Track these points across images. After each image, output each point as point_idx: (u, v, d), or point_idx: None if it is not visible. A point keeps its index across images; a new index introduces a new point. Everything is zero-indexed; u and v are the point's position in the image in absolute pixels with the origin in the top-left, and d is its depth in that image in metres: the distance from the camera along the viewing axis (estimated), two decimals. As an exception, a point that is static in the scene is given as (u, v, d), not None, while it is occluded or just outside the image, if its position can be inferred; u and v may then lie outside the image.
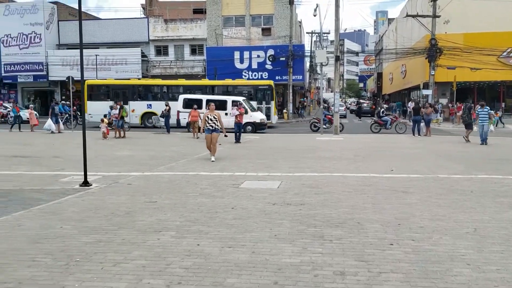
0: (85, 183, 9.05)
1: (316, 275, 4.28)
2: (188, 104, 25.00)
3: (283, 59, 37.58)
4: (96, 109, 26.91)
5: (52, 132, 22.67)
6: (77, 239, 5.42)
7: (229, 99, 25.81)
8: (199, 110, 22.65)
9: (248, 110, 25.23)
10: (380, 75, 66.65)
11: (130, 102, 28.39)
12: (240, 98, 25.89)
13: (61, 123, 24.34)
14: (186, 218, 6.40)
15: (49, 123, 23.35)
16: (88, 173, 9.31)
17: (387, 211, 6.84)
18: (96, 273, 4.31)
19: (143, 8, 50.66)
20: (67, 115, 27.56)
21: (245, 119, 24.22)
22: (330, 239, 5.41)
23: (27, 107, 38.07)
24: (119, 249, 5.03)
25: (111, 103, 24.03)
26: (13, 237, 5.50)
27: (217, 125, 13.16)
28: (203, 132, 13.53)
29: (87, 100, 28.32)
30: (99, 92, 30.30)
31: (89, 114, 27.26)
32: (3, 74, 39.64)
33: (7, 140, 19.18)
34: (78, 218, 6.42)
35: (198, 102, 24.99)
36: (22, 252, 4.92)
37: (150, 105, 28.61)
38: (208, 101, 24.56)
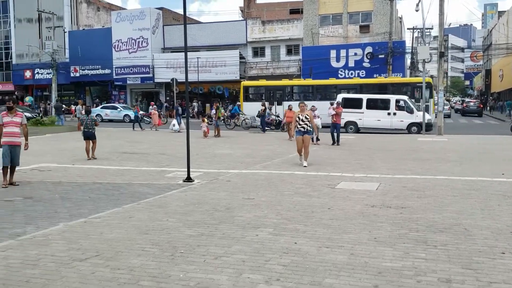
0: (188, 179, 9.52)
1: (420, 281, 4.09)
2: (346, 103, 23.27)
3: (382, 56, 36.39)
4: (251, 109, 27.43)
5: (179, 132, 23.60)
6: (181, 232, 5.72)
7: (392, 98, 24.29)
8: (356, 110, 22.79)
9: (414, 109, 23.76)
10: (488, 72, 61.83)
11: (284, 103, 28.24)
12: (403, 97, 24.47)
13: (182, 123, 24.78)
14: (283, 216, 6.46)
15: (174, 123, 24.52)
16: (190, 169, 9.78)
17: (498, 217, 6.34)
18: (199, 265, 4.51)
19: (241, 10, 52.01)
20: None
21: (410, 119, 23.56)
22: (434, 244, 5.14)
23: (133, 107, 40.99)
24: (220, 243, 5.22)
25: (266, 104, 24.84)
26: (124, 227, 5.95)
27: (309, 126, 12.00)
28: (293, 136, 12.74)
29: (243, 101, 29.40)
30: (254, 93, 31.04)
31: (244, 114, 27.96)
32: (114, 77, 42.97)
33: (121, 138, 20.77)
34: (182, 212, 6.78)
35: (358, 102, 24.30)
36: (133, 242, 5.31)
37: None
38: (368, 100, 24.14)
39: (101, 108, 36.53)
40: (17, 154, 9.38)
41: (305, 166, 11.44)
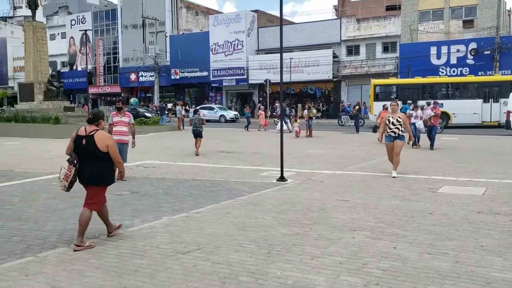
0: (282, 178, 9.61)
1: (536, 296, 3.76)
2: None
3: (488, 52, 33.87)
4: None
5: (290, 132, 23.50)
6: (277, 230, 5.79)
7: None
8: None
9: None
10: None
11: (419, 102, 25.16)
12: None
13: (289, 123, 24.78)
14: (380, 220, 6.27)
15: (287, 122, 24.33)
16: (283, 169, 9.86)
17: None
18: (295, 264, 4.54)
19: (335, 9, 51.31)
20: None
21: None
22: (552, 257, 4.69)
23: (229, 108, 42.30)
24: (315, 244, 5.21)
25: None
26: (223, 223, 6.16)
27: (401, 131, 10.18)
28: (380, 139, 11.17)
29: (373, 100, 28.14)
30: (384, 92, 29.49)
31: (374, 115, 25.54)
32: (211, 79, 44.63)
33: (218, 137, 21.55)
34: (277, 210, 6.86)
35: None
36: (231, 237, 5.48)
37: (442, 104, 23.64)
38: None
39: (200, 108, 38.11)
40: (125, 151, 10.11)
41: (394, 177, 9.83)
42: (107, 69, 53.06)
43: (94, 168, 5.28)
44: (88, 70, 38.75)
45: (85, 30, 44.19)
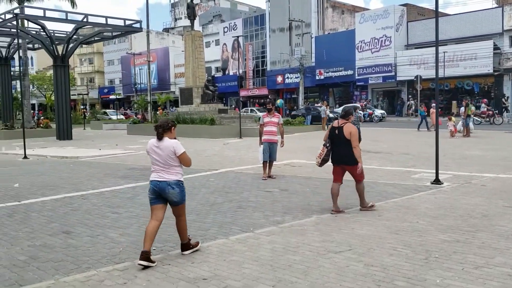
0: (437, 181, 9.02)
1: None
2: None
3: None
4: None
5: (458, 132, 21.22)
6: (434, 236, 5.45)
7: None
8: None
9: None
10: None
11: None
12: None
13: (471, 124, 21.73)
14: (559, 231, 5.51)
15: (460, 124, 21.74)
16: (438, 171, 9.24)
17: None
18: (457, 273, 4.22)
19: (496, -4, 46.39)
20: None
21: None
22: None
23: (375, 107, 41.07)
24: (479, 252, 4.79)
25: None
26: (374, 225, 6.01)
27: None
28: None
29: None
30: None
31: None
32: (356, 77, 43.83)
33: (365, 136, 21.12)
34: (433, 215, 6.46)
35: None
36: (384, 240, 5.32)
37: None
38: None
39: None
40: (274, 151, 10.49)
41: None
42: (255, 73, 55.59)
43: (343, 151, 6.72)
44: (238, 74, 41.01)
45: (237, 36, 46.84)
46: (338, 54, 43.86)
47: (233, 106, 46.88)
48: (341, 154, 6.78)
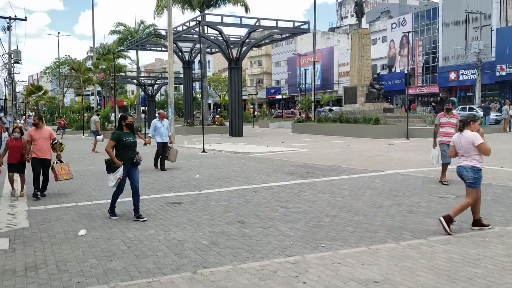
0: None
1: None
2: None
3: None
4: None
5: None
6: None
7: None
8: None
9: None
10: None
11: None
12: None
13: None
14: None
15: None
16: None
17: None
18: None
19: None
20: None
21: None
22: None
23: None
24: None
25: None
26: None
27: None
28: None
29: None
30: None
31: None
32: None
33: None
34: None
35: None
36: None
37: None
38: None
39: None
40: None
41: None
42: (425, 69, 52.44)
43: None
44: (407, 71, 39.11)
45: (407, 32, 44.80)
46: (524, 47, 38.90)
47: (399, 105, 45.00)
48: None
